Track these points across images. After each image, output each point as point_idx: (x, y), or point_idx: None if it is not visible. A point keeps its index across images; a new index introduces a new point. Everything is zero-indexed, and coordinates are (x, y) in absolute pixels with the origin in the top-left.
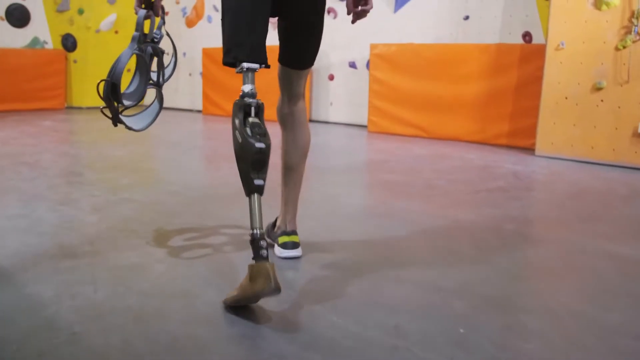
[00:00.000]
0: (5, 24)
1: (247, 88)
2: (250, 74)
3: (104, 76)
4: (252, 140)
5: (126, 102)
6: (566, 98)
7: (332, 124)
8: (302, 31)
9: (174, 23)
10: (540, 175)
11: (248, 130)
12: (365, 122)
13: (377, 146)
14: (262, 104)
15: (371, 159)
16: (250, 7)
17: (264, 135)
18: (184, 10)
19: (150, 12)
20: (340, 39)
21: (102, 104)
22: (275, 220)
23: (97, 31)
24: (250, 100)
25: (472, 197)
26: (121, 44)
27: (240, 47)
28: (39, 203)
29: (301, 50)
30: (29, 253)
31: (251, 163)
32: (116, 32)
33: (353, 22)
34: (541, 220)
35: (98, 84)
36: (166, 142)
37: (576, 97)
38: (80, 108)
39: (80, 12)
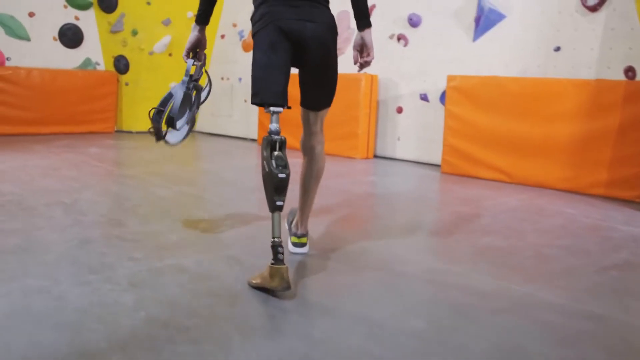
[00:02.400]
0: (58, 44)
1: (273, 127)
2: (275, 115)
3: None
4: (276, 171)
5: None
6: None
7: (399, 161)
8: (316, 81)
9: (229, 46)
10: None
11: (273, 162)
12: (436, 161)
13: (457, 193)
14: (285, 139)
15: (458, 213)
16: (275, 62)
17: (285, 167)
18: (241, 33)
19: (196, 60)
20: (411, 68)
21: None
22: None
23: (150, 53)
24: (276, 137)
25: (602, 278)
26: (174, 67)
27: (266, 93)
28: (66, 269)
29: (315, 96)
30: None
31: (275, 188)
32: (170, 54)
33: (359, 70)
34: None
35: (150, 111)
36: (220, 180)
37: None
38: (130, 132)
39: (134, 33)
